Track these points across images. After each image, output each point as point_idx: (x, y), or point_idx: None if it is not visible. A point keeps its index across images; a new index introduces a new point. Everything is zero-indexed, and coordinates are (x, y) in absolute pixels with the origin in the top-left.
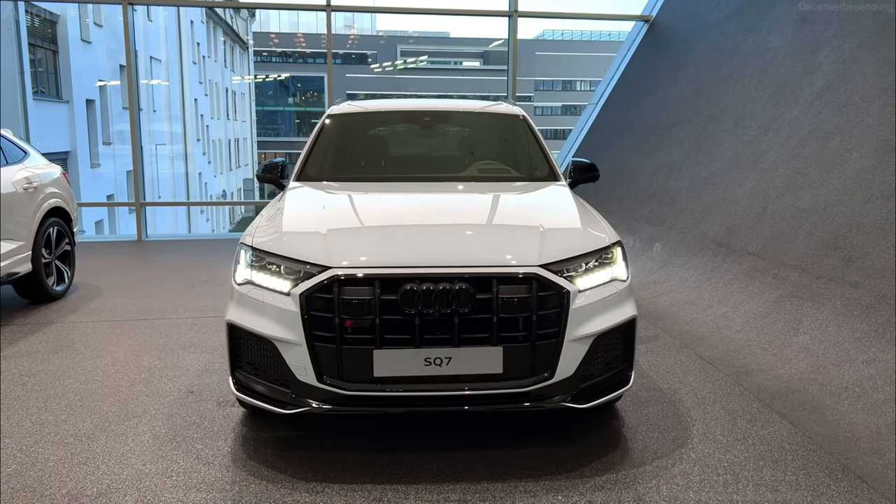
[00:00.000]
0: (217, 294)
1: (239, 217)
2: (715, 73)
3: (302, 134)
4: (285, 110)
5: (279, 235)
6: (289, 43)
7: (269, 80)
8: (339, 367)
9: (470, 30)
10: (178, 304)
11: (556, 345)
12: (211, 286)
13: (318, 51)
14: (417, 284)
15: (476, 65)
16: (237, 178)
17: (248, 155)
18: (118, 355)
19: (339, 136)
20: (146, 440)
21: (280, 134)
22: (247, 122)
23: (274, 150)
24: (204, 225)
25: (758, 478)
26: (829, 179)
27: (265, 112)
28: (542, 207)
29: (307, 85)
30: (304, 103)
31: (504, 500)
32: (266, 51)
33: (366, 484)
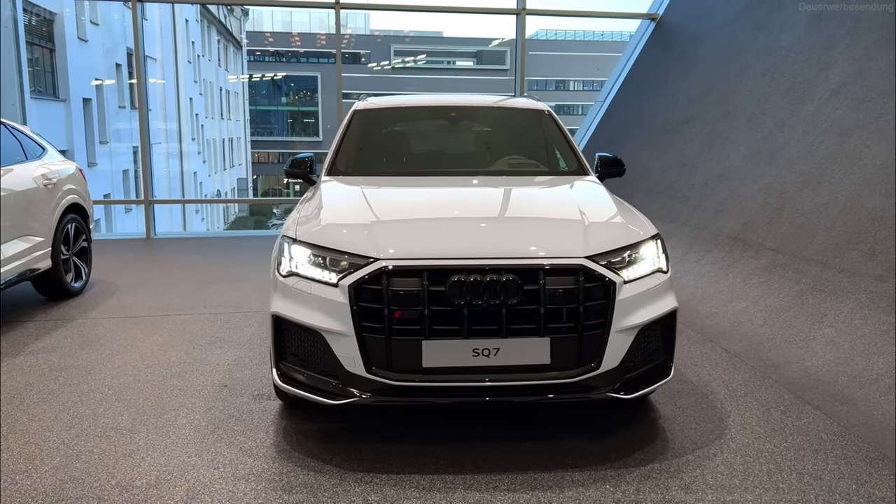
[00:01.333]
0: (235, 291)
1: (233, 217)
2: (725, 70)
3: (295, 133)
4: (279, 110)
5: (323, 228)
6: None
7: (263, 79)
8: (387, 358)
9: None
10: (196, 300)
11: (602, 335)
12: (228, 283)
13: (311, 50)
14: (465, 276)
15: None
16: (231, 178)
17: (241, 154)
18: (145, 350)
19: (367, 131)
20: (187, 433)
21: (273, 133)
22: (240, 122)
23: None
24: (199, 224)
25: (800, 467)
26: (848, 175)
27: (258, 111)
28: (579, 200)
29: (300, 84)
30: (298, 103)
31: (552, 489)
32: (259, 50)
33: (413, 474)
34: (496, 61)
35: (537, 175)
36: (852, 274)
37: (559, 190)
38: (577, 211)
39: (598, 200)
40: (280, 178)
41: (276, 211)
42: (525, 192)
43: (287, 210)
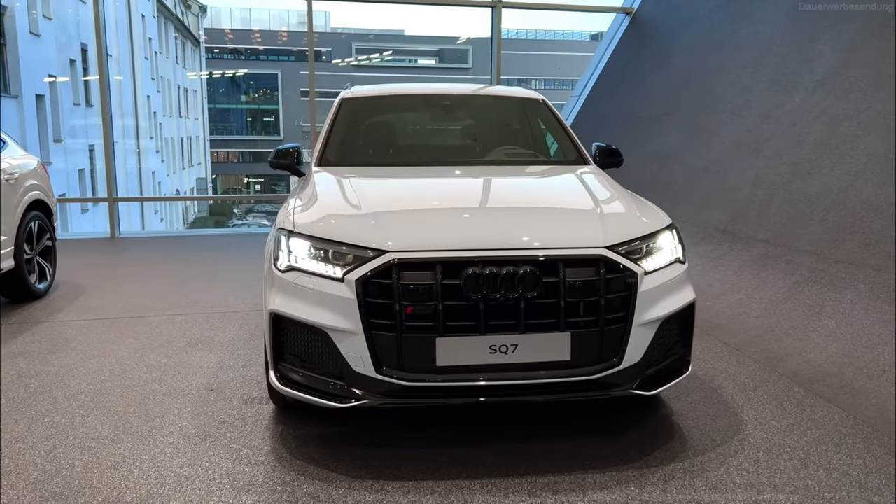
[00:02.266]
0: (210, 290)
1: (193, 217)
2: (705, 63)
3: (255, 132)
4: (238, 108)
5: (324, 219)
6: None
7: (222, 76)
8: (398, 357)
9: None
10: (170, 300)
11: (624, 329)
12: (201, 282)
13: (271, 47)
14: (480, 268)
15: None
16: (190, 178)
17: (200, 153)
18: (121, 354)
19: (356, 120)
20: (177, 441)
21: (233, 132)
22: (199, 120)
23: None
24: (158, 224)
25: (826, 462)
26: (839, 165)
27: (217, 110)
28: (589, 190)
29: (260, 82)
30: (258, 101)
31: (575, 492)
32: (218, 47)
33: (426, 480)
34: (458, 60)
35: (537, 164)
36: (849, 264)
37: (566, 179)
38: (590, 200)
39: (609, 190)
40: (240, 177)
41: (236, 211)
42: (532, 182)
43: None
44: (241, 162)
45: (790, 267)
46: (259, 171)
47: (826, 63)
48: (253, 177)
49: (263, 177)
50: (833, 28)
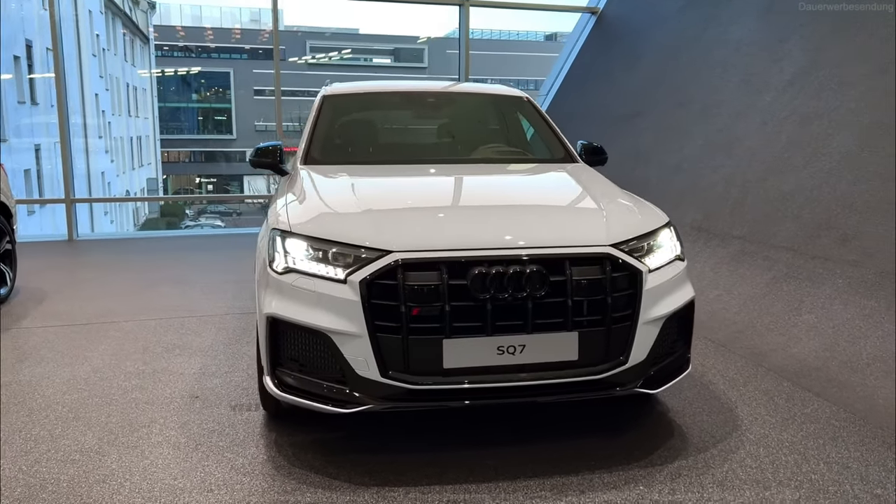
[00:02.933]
0: (181, 294)
1: (143, 218)
2: (674, 63)
3: (207, 131)
4: (189, 107)
5: (322, 218)
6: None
7: (173, 74)
8: (404, 360)
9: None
10: (140, 304)
11: (630, 328)
12: (170, 286)
13: (223, 45)
14: (486, 267)
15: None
16: (140, 178)
17: (150, 153)
18: (96, 362)
19: (340, 118)
20: (166, 451)
21: (184, 132)
22: (149, 119)
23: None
24: (108, 225)
25: (825, 456)
26: (812, 162)
27: (168, 108)
28: (586, 187)
29: (212, 81)
30: (209, 99)
31: (585, 492)
32: (167, 45)
33: (433, 485)
34: (414, 59)
35: (527, 162)
36: (826, 260)
37: (561, 177)
38: (589, 198)
39: (605, 188)
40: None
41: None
42: (528, 180)
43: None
44: (192, 162)
45: (767, 263)
46: (211, 171)
47: (795, 63)
48: (205, 177)
49: (216, 177)
50: (802, 28)
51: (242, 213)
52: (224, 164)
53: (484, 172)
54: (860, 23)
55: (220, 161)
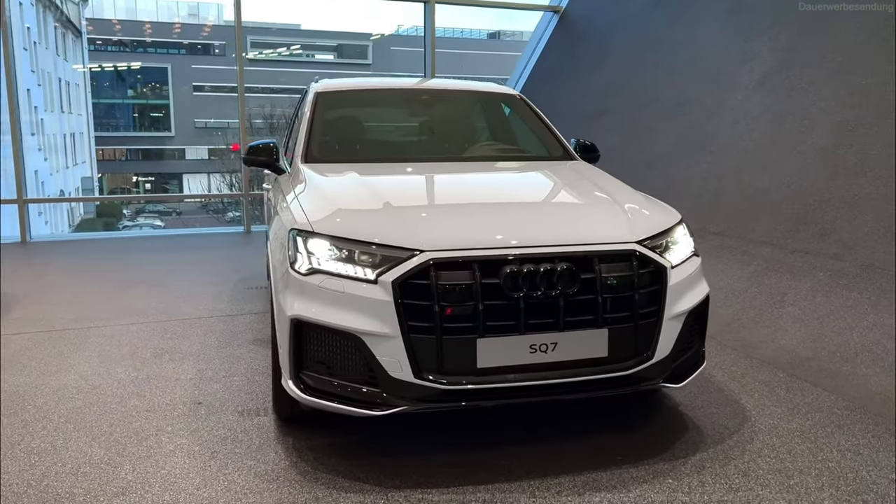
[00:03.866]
0: (157, 296)
1: (79, 218)
2: (641, 62)
3: (143, 128)
4: (125, 103)
5: (345, 218)
6: (133, 31)
7: (108, 70)
8: (438, 360)
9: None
10: (116, 308)
11: (656, 324)
12: (144, 288)
13: (159, 40)
14: (518, 265)
15: (330, 58)
16: (75, 177)
17: (85, 151)
18: (83, 369)
19: (336, 115)
20: (182, 461)
21: (119, 129)
22: (83, 116)
23: (113, 147)
24: (43, 227)
25: (836, 443)
26: (787, 159)
27: (102, 105)
28: (598, 185)
29: (149, 76)
30: (146, 95)
31: (618, 488)
32: (101, 39)
33: (466, 486)
34: (358, 56)
35: (527, 160)
36: (806, 253)
37: (570, 174)
38: (606, 195)
39: (616, 185)
40: (128, 176)
41: (126, 212)
42: (540, 177)
43: (138, 210)
44: (129, 160)
45: (746, 257)
46: (148, 169)
47: (764, 63)
48: (143, 175)
49: (154, 175)
50: (770, 30)
51: (182, 213)
52: (162, 163)
53: (493, 170)
54: (826, 23)
55: (159, 159)
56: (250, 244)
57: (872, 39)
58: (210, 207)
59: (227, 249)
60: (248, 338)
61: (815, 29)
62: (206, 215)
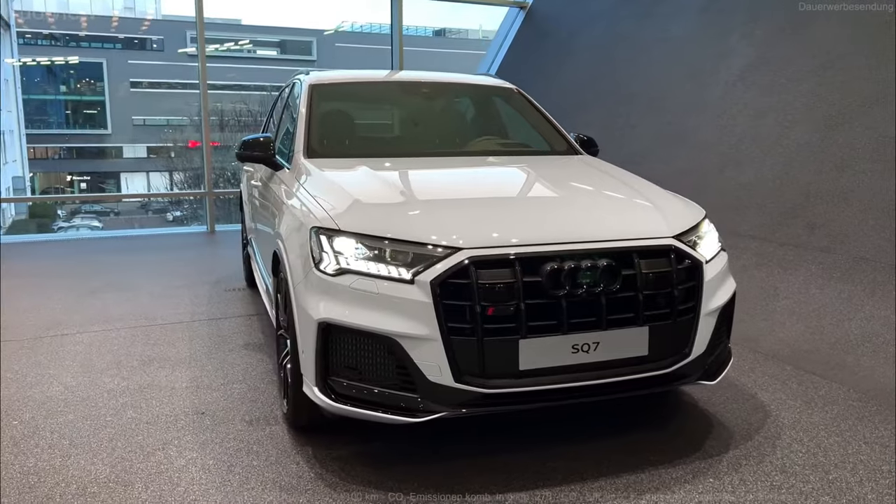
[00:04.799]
0: (128, 300)
1: (10, 219)
2: (612, 59)
3: (78, 126)
4: (57, 99)
5: (370, 215)
6: (69, 25)
7: (38, 64)
8: (480, 363)
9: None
10: (87, 314)
11: (693, 320)
12: (111, 292)
13: (94, 34)
14: (559, 262)
15: (273, 53)
16: (5, 176)
17: (16, 149)
18: (66, 379)
19: (333, 108)
20: (198, 475)
21: (52, 126)
22: (13, 113)
23: (46, 145)
24: None
25: (862, 436)
26: (770, 154)
27: (34, 101)
28: (617, 179)
29: (83, 71)
30: (80, 91)
31: (661, 490)
32: (31, 32)
33: (510, 493)
34: (302, 52)
35: (535, 154)
36: (796, 247)
37: (585, 168)
38: (633, 190)
39: (635, 179)
40: (62, 175)
41: (61, 212)
42: (558, 171)
43: (73, 211)
44: (62, 158)
45: (735, 252)
46: (84, 167)
47: (743, 59)
48: (77, 175)
49: (90, 174)
50: (744, 26)
51: (121, 213)
52: (99, 161)
53: (506, 164)
54: (803, 22)
55: (94, 157)
56: (217, 244)
57: (849, 37)
58: (150, 207)
59: (191, 250)
60: (238, 342)
61: (791, 27)
62: (146, 216)
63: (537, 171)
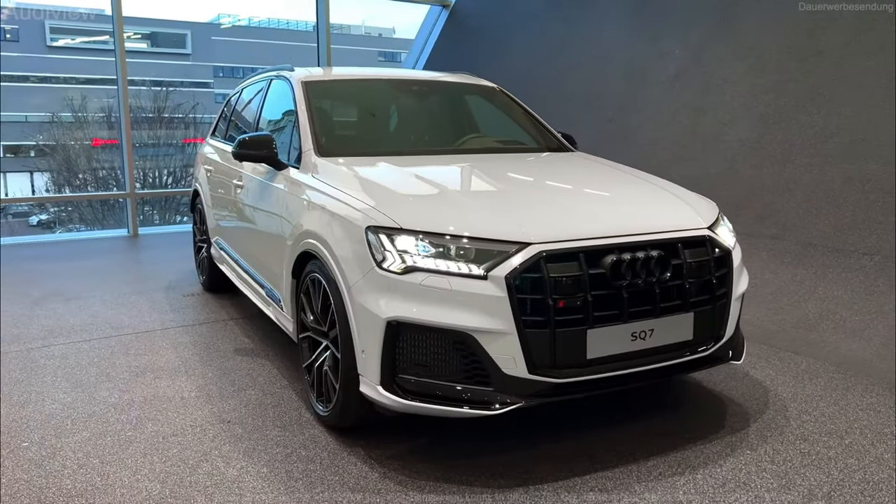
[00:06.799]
0: (84, 309)
1: None
2: (545, 60)
3: None
4: None
5: (430, 212)
6: None
7: None
8: (552, 354)
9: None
10: (44, 325)
11: (726, 305)
12: (59, 302)
13: None
14: (618, 254)
15: (143, 47)
16: None
17: None
18: (59, 395)
19: (333, 106)
20: (259, 485)
21: None
22: None
23: None
24: None
25: (856, 404)
26: (712, 150)
27: None
28: (636, 175)
29: None
30: None
31: (708, 464)
32: None
33: (572, 478)
34: (175, 45)
35: (538, 151)
36: (748, 236)
37: (596, 165)
38: (654, 185)
39: (648, 175)
40: None
41: None
42: (582, 169)
43: None
44: None
45: None
46: None
47: (677, 61)
48: None
49: None
50: (677, 29)
51: None
52: None
53: (526, 161)
54: (734, 25)
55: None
56: (146, 248)
57: (779, 41)
58: (9, 211)
59: (120, 255)
60: (228, 348)
61: (723, 31)
62: (5, 220)
63: (559, 166)
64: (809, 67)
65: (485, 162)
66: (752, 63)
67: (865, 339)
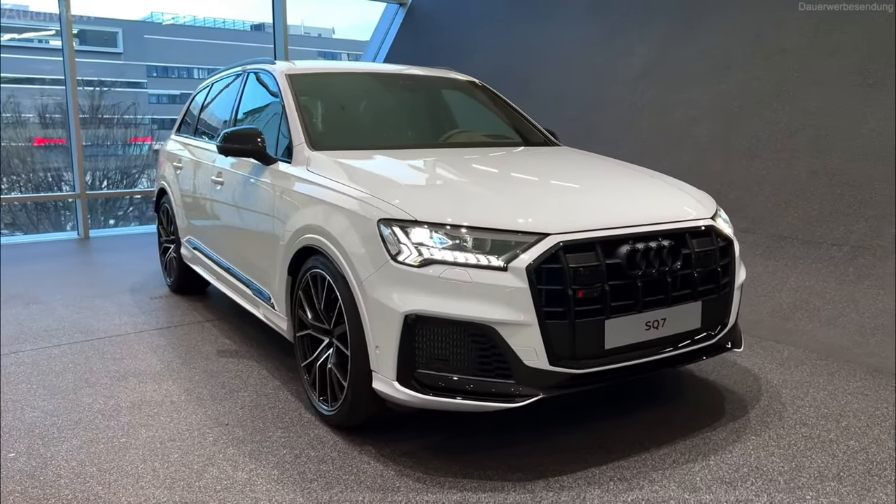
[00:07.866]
0: (45, 314)
1: None
2: (509, 58)
3: None
4: None
5: (447, 204)
6: None
7: None
8: (571, 345)
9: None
10: (6, 332)
11: (730, 294)
12: (18, 306)
13: None
14: (632, 244)
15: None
16: None
17: None
18: (40, 403)
19: (319, 100)
20: (273, 488)
21: None
22: None
23: None
24: None
25: (843, 389)
26: (681, 146)
27: None
28: (631, 168)
29: None
30: None
31: (719, 451)
32: None
33: (589, 467)
34: (105, 43)
35: (528, 145)
36: None
37: (597, 159)
38: (654, 177)
39: (644, 168)
40: None
41: None
42: (581, 162)
43: None
44: None
45: None
46: None
47: (642, 59)
48: None
49: None
50: (640, 27)
51: None
52: None
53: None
54: (697, 24)
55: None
56: (99, 251)
57: (740, 41)
58: None
59: (74, 258)
60: (209, 350)
61: (686, 29)
62: None
63: (558, 159)
64: (773, 65)
65: (484, 155)
66: (717, 61)
67: (840, 327)
